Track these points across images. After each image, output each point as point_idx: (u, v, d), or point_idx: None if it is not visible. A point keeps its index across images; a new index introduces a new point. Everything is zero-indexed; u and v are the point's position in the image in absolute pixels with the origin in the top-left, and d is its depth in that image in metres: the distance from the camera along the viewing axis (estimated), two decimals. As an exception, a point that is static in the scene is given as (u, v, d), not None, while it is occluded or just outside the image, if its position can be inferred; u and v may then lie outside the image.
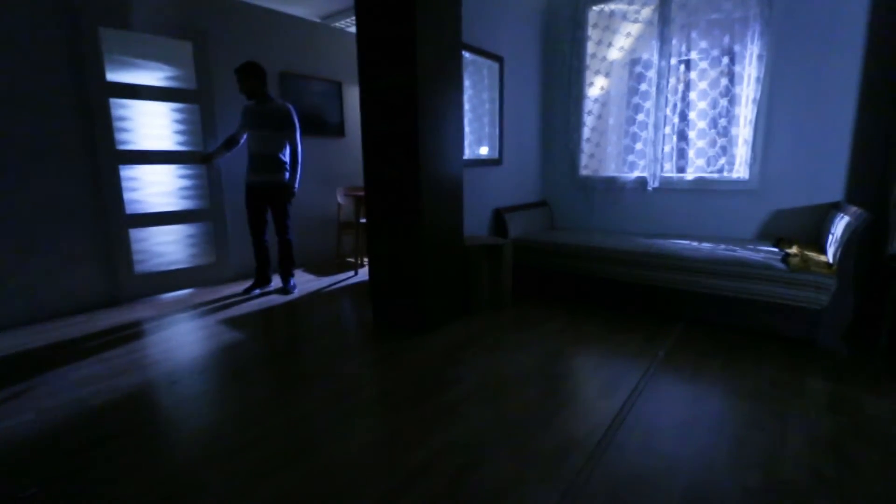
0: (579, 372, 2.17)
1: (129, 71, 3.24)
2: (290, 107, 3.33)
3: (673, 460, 1.48)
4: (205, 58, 3.54)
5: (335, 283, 3.73)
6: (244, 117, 3.32)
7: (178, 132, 3.53)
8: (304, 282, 3.79)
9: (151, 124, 3.39)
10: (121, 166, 3.22)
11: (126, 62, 3.23)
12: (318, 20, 4.50)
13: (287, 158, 3.37)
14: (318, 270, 4.17)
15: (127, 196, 3.28)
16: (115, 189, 3.19)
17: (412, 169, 2.44)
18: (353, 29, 4.65)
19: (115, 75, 3.15)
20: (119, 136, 3.21)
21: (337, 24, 4.60)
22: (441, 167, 2.58)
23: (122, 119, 3.23)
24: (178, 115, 3.52)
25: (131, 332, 2.67)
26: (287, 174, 3.38)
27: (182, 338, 2.59)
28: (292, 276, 3.55)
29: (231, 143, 3.41)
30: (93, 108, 3.04)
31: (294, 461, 1.50)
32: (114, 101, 3.15)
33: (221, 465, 1.48)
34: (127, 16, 3.15)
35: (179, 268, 3.60)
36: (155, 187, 3.46)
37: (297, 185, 3.45)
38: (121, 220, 3.23)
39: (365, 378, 2.10)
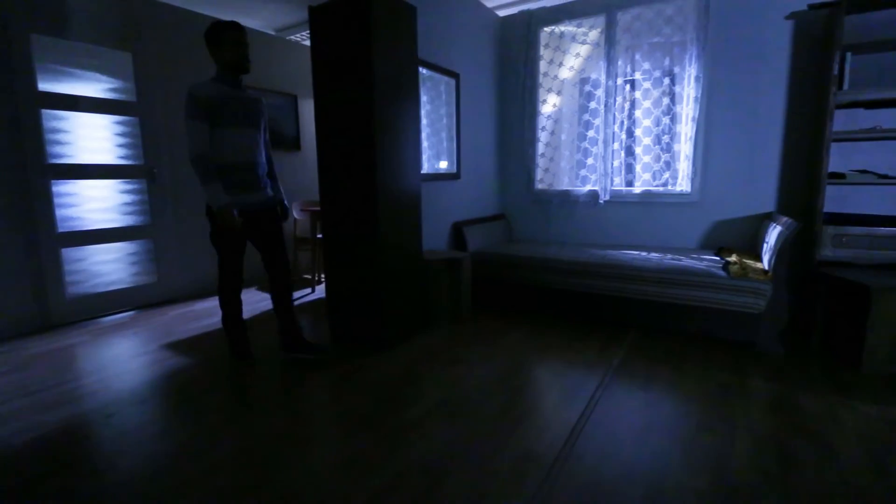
0: (538, 383, 2.19)
1: (64, 81, 3.05)
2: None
3: (630, 467, 1.51)
4: (146, 69, 3.39)
5: (297, 299, 3.60)
6: (216, 108, 2.09)
7: (120, 146, 3.34)
8: (259, 300, 3.65)
9: (90, 137, 3.19)
10: (54, 181, 3.00)
11: (61, 72, 3.03)
12: (272, 33, 4.42)
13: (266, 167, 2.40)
14: (273, 288, 4.03)
15: (62, 213, 3.06)
16: (45, 205, 2.96)
17: (369, 183, 2.42)
18: (308, 42, 4.60)
19: (48, 85, 2.95)
20: (53, 150, 3.00)
21: (292, 38, 4.54)
22: (398, 182, 2.57)
23: (56, 131, 3.02)
24: (119, 128, 3.33)
25: (62, 361, 2.46)
26: (272, 188, 2.42)
27: (120, 365, 2.41)
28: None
29: (211, 165, 2.11)
30: (21, 119, 2.82)
31: (250, 491, 1.41)
32: (47, 113, 2.95)
33: (169, 502, 1.38)
34: (62, 23, 2.97)
35: (118, 288, 3.38)
36: (94, 203, 3.24)
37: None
38: (52, 239, 3.00)
39: (323, 399, 2.03)
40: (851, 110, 2.75)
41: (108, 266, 3.35)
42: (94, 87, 3.19)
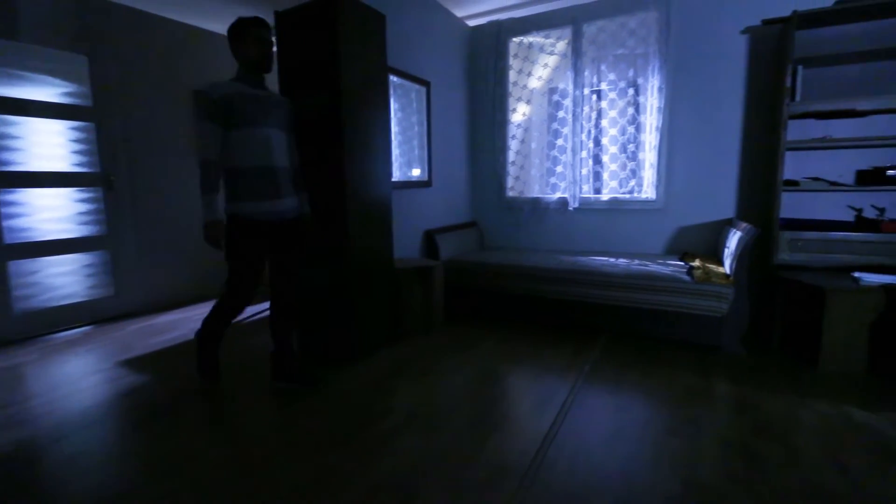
0: (511, 392, 2.19)
1: (14, 84, 2.89)
2: None
3: (601, 475, 1.51)
4: (103, 73, 3.25)
5: (258, 314, 3.50)
6: (231, 107, 1.91)
7: (76, 152, 3.19)
8: (224, 312, 3.52)
9: (43, 143, 3.03)
10: (0, 190, 2.83)
11: (11, 74, 2.88)
12: (237, 38, 4.32)
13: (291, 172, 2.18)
14: (241, 299, 3.91)
15: (9, 223, 2.89)
16: (-9, 216, 2.79)
17: (338, 191, 2.38)
18: (274, 48, 4.51)
19: (-7, 89, 2.80)
20: (1, 156, 2.83)
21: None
22: (369, 189, 2.53)
23: (4, 137, 2.86)
24: (74, 134, 3.18)
25: (7, 382, 2.30)
26: (298, 197, 2.21)
27: (72, 385, 2.27)
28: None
29: (218, 174, 1.95)
30: (-37, 125, 2.66)
31: (205, 517, 1.34)
32: (-8, 118, 2.79)
33: (115, 532, 1.29)
34: (11, 24, 2.82)
35: (73, 302, 3.20)
36: (47, 213, 3.07)
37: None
38: (-2, 252, 2.83)
39: (289, 415, 1.96)
40: (804, 121, 2.88)
41: (61, 279, 3.17)
42: (46, 91, 3.04)
